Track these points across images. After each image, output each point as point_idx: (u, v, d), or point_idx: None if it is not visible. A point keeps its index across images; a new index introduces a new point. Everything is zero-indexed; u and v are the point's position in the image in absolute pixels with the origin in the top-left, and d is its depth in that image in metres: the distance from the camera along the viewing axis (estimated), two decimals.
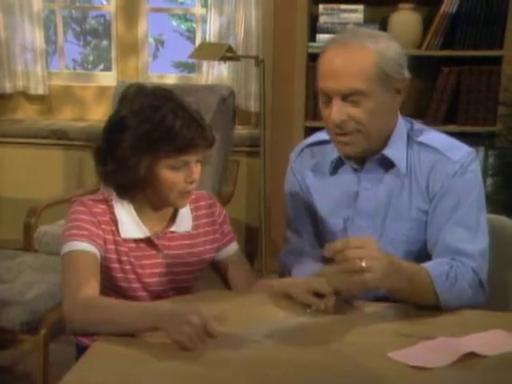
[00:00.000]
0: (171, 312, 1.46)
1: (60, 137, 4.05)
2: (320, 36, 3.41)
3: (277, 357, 1.43)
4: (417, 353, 1.43)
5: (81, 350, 1.73)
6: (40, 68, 4.12)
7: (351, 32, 1.77)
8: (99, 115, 4.08)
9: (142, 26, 4.17)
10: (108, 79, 4.27)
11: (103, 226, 1.71)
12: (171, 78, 4.28)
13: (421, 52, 3.40)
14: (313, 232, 1.89)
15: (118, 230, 1.72)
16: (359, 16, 3.42)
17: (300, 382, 1.35)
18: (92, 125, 4.04)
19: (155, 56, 7.18)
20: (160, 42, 7.45)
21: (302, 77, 3.42)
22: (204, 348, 1.41)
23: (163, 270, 1.76)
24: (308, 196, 1.88)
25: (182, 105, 1.68)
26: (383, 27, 3.40)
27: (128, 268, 1.73)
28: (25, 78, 4.15)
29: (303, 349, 1.46)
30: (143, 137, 1.64)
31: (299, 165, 1.90)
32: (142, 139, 1.64)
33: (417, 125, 1.82)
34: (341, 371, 1.38)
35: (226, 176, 3.52)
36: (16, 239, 3.29)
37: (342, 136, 1.71)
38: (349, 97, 1.66)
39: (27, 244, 3.08)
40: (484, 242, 1.72)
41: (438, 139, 1.78)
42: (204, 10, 4.10)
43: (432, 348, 1.44)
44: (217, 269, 1.88)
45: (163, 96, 1.69)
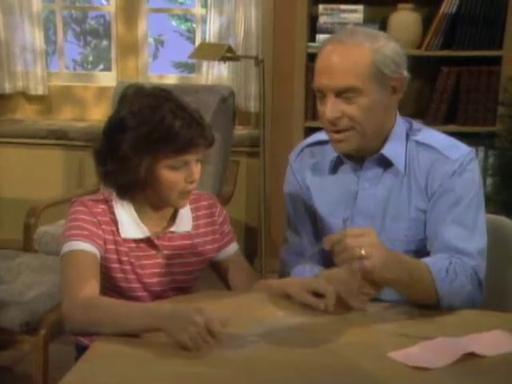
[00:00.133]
0: (173, 312, 1.46)
1: (60, 137, 4.04)
2: (320, 36, 3.40)
3: (276, 357, 1.43)
4: (416, 353, 1.42)
5: (80, 350, 1.73)
6: (40, 68, 4.12)
7: (349, 31, 1.77)
8: (99, 115, 4.08)
9: (142, 26, 4.17)
10: (108, 79, 4.27)
11: (103, 226, 1.71)
12: (171, 79, 4.28)
13: (420, 52, 3.39)
14: (312, 232, 1.89)
15: (118, 230, 1.72)
16: (359, 16, 3.42)
17: (299, 382, 1.35)
18: (92, 125, 4.04)
19: (155, 56, 7.17)
20: (160, 42, 7.44)
21: (302, 77, 3.42)
22: (205, 348, 1.41)
23: (163, 270, 1.76)
24: (308, 196, 1.88)
25: (181, 105, 1.68)
26: (383, 27, 3.40)
27: (128, 268, 1.73)
28: (25, 79, 4.15)
29: (302, 349, 1.46)
30: (143, 137, 1.64)
31: (299, 165, 1.90)
32: (142, 140, 1.64)
33: (416, 124, 1.82)
34: (340, 371, 1.38)
35: (226, 176, 3.52)
36: (16, 239, 3.29)
37: (337, 133, 1.72)
38: (342, 93, 1.66)
39: (27, 244, 3.07)
40: (482, 241, 1.72)
41: (437, 139, 1.78)
42: (204, 11, 4.10)
43: (432, 348, 1.44)
44: (217, 269, 1.88)
45: (162, 96, 1.69)
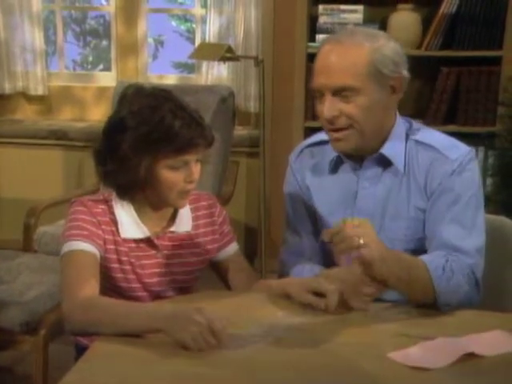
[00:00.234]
0: (175, 312, 1.46)
1: (60, 137, 4.04)
2: (320, 36, 3.40)
3: (276, 357, 1.43)
4: (416, 353, 1.42)
5: (80, 351, 1.73)
6: (40, 68, 4.12)
7: (349, 31, 1.78)
8: (99, 115, 4.08)
9: (142, 27, 4.17)
10: (108, 79, 4.27)
11: (103, 227, 1.71)
12: (171, 79, 4.28)
13: (420, 52, 3.39)
14: (312, 232, 1.89)
15: (118, 231, 1.72)
16: (359, 16, 3.42)
17: (299, 382, 1.35)
18: (92, 125, 4.04)
19: (155, 56, 7.17)
20: (160, 43, 7.44)
21: (302, 77, 3.41)
22: (206, 349, 1.41)
23: (163, 270, 1.76)
24: (308, 196, 1.88)
25: (181, 105, 1.68)
26: (383, 27, 3.40)
27: (128, 268, 1.73)
28: (24, 79, 4.15)
29: (302, 349, 1.46)
30: (143, 137, 1.64)
31: (299, 165, 1.90)
32: (142, 140, 1.64)
33: (415, 124, 1.83)
34: (340, 371, 1.38)
35: (226, 176, 3.52)
36: (15, 240, 3.29)
37: (335, 132, 1.72)
38: (340, 92, 1.67)
39: (27, 244, 3.07)
40: (480, 240, 1.72)
41: (437, 138, 1.78)
42: (203, 11, 4.10)
43: (431, 348, 1.44)
44: (217, 269, 1.88)
45: (162, 96, 1.69)
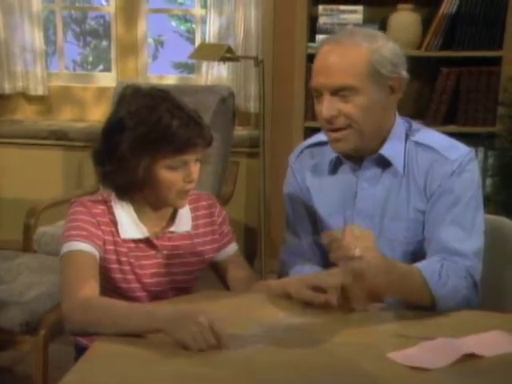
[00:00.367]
0: (175, 312, 1.46)
1: (59, 137, 4.04)
2: (319, 37, 3.39)
3: (276, 357, 1.43)
4: (416, 354, 1.42)
5: (79, 351, 1.73)
6: (39, 69, 4.12)
7: (348, 31, 1.78)
8: (99, 116, 4.08)
9: (142, 27, 4.17)
10: (107, 80, 4.27)
11: (102, 227, 1.71)
12: (171, 79, 4.28)
13: (420, 53, 3.39)
14: (312, 233, 1.88)
15: (118, 231, 1.72)
16: (359, 17, 3.42)
17: (299, 383, 1.35)
18: (92, 125, 4.04)
19: (155, 57, 7.17)
20: (159, 43, 7.44)
21: (302, 77, 3.41)
22: (205, 349, 1.41)
23: (162, 271, 1.76)
24: (307, 197, 1.88)
25: (179, 105, 1.68)
26: (382, 28, 3.40)
27: (127, 269, 1.73)
28: (24, 79, 4.15)
29: (302, 349, 1.46)
30: (141, 138, 1.64)
31: (299, 166, 1.90)
32: (140, 140, 1.64)
33: (415, 125, 1.82)
34: (340, 372, 1.38)
35: (226, 177, 3.52)
36: (15, 240, 3.29)
37: (334, 132, 1.72)
38: (339, 92, 1.67)
39: (26, 245, 3.07)
40: (479, 242, 1.71)
41: (437, 139, 1.78)
42: (203, 11, 4.10)
43: (431, 349, 1.44)
44: (216, 269, 1.88)
45: (159, 96, 1.69)
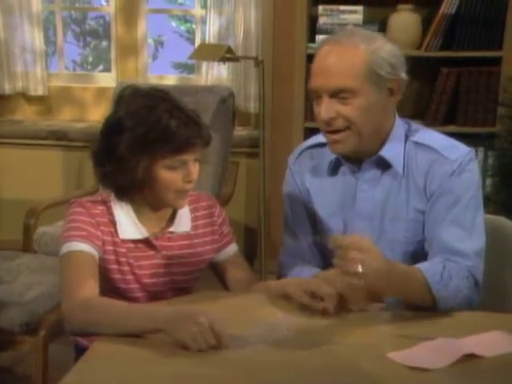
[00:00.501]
0: (176, 313, 1.46)
1: (59, 138, 4.04)
2: (319, 37, 3.40)
3: (276, 357, 1.43)
4: (416, 354, 1.42)
5: (79, 352, 1.73)
6: (39, 69, 4.12)
7: (347, 32, 1.77)
8: (99, 116, 4.08)
9: (142, 27, 4.17)
10: (107, 80, 4.27)
11: (102, 228, 1.70)
12: (171, 79, 4.28)
13: (420, 53, 3.39)
14: (311, 234, 1.88)
15: (117, 231, 1.72)
16: (358, 17, 3.42)
17: (299, 383, 1.35)
18: (91, 126, 4.03)
19: (155, 57, 7.17)
20: (159, 43, 7.44)
21: (302, 78, 3.41)
22: (205, 349, 1.41)
23: (162, 271, 1.76)
24: (307, 198, 1.87)
25: (178, 105, 1.68)
26: (382, 28, 3.40)
27: (126, 269, 1.72)
28: (24, 79, 4.15)
29: (302, 349, 1.46)
30: (140, 138, 1.64)
31: (298, 167, 1.90)
32: (139, 140, 1.64)
33: (414, 125, 1.82)
34: (340, 372, 1.38)
35: (226, 177, 3.51)
36: (15, 240, 3.29)
37: (333, 134, 1.72)
38: (337, 94, 1.67)
39: (26, 245, 3.07)
40: (480, 242, 1.71)
41: (436, 139, 1.78)
42: (203, 11, 4.10)
43: (431, 349, 1.44)
44: (216, 270, 1.88)
45: (158, 97, 1.69)
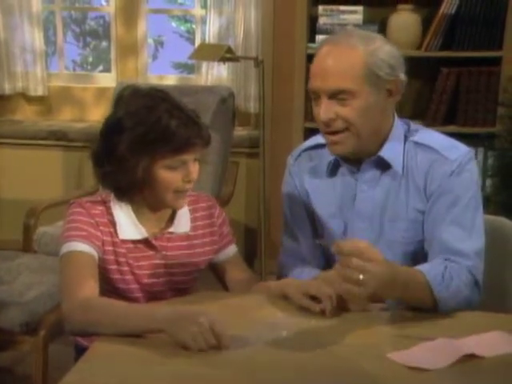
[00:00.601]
0: (176, 313, 1.46)
1: (59, 138, 4.04)
2: (319, 37, 3.39)
3: (276, 358, 1.43)
4: (416, 354, 1.42)
5: (79, 352, 1.73)
6: (39, 69, 4.12)
7: (346, 33, 1.77)
8: (99, 116, 4.07)
9: (142, 27, 4.17)
10: (107, 80, 4.27)
11: (101, 228, 1.70)
12: (171, 79, 4.28)
13: (420, 53, 3.39)
14: (310, 235, 1.88)
15: (116, 232, 1.72)
16: (358, 17, 3.42)
17: (299, 383, 1.35)
18: (91, 126, 4.03)
19: (155, 57, 7.16)
20: (159, 43, 7.44)
21: (302, 78, 3.41)
22: (205, 349, 1.41)
23: (161, 271, 1.76)
24: (306, 199, 1.87)
25: (177, 105, 1.68)
26: (382, 28, 3.40)
27: (126, 269, 1.72)
28: (24, 79, 4.15)
29: (302, 350, 1.46)
30: (139, 138, 1.64)
31: (297, 168, 1.89)
32: (139, 140, 1.64)
33: (413, 126, 1.82)
34: (340, 372, 1.38)
35: (226, 177, 3.51)
36: (15, 240, 3.29)
37: (332, 135, 1.72)
38: (336, 95, 1.66)
39: (26, 245, 3.07)
40: (480, 242, 1.71)
41: (436, 139, 1.78)
42: (203, 11, 4.10)
43: (431, 349, 1.44)
44: (215, 271, 1.88)
45: (158, 97, 1.69)
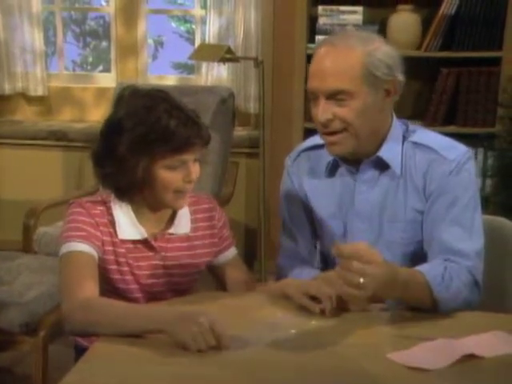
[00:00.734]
0: (176, 313, 1.47)
1: (59, 138, 4.04)
2: (319, 37, 3.39)
3: (276, 358, 1.43)
4: (416, 354, 1.42)
5: (79, 352, 1.73)
6: (39, 69, 4.12)
7: (344, 33, 1.78)
8: (99, 116, 4.08)
9: (142, 28, 4.17)
10: (107, 80, 4.27)
11: (101, 228, 1.70)
12: (171, 80, 4.28)
13: (420, 53, 3.39)
14: (309, 236, 1.88)
15: (116, 232, 1.72)
16: (358, 17, 3.41)
17: (299, 383, 1.35)
18: (91, 126, 4.03)
19: (155, 57, 7.16)
20: (159, 44, 7.44)
21: (302, 78, 3.41)
22: (205, 349, 1.41)
23: (160, 272, 1.76)
24: (305, 200, 1.87)
25: (177, 105, 1.68)
26: (382, 28, 3.40)
27: (125, 269, 1.72)
28: (24, 80, 4.15)
29: (302, 350, 1.46)
30: (139, 138, 1.64)
31: (296, 169, 1.89)
32: (139, 141, 1.64)
33: (412, 126, 1.82)
34: (339, 372, 1.38)
35: (226, 177, 3.51)
36: (15, 240, 3.29)
37: (330, 135, 1.72)
38: (334, 96, 1.67)
39: (26, 245, 3.07)
40: (480, 242, 1.71)
41: (434, 139, 1.78)
42: (203, 12, 4.11)
43: (431, 349, 1.44)
44: (215, 273, 1.87)
45: (158, 97, 1.69)
